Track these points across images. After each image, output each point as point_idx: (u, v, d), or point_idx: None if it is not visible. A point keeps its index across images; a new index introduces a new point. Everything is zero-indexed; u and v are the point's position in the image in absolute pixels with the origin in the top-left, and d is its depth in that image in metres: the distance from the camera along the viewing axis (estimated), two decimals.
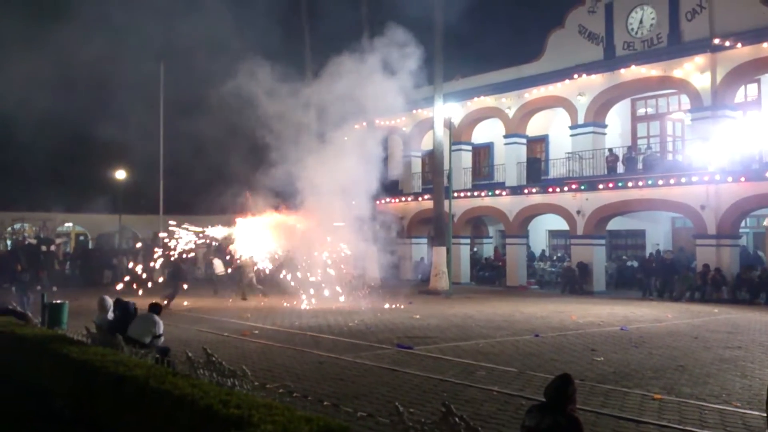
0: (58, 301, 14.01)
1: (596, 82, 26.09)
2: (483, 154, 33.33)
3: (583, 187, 25.85)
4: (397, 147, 34.41)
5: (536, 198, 27.76)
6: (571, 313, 19.04)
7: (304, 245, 22.04)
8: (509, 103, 29.07)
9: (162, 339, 10.43)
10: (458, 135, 30.63)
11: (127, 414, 7.01)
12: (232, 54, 21.96)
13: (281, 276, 22.81)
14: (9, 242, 37.09)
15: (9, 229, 38.96)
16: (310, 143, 26.69)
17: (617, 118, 27.67)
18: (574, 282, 25.70)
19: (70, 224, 41.14)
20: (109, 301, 11.68)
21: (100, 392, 7.60)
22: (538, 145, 30.94)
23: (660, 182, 23.52)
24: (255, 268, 22.83)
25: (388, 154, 35.42)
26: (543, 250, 32.03)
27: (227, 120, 22.66)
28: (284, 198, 23.45)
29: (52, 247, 32.17)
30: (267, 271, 23.15)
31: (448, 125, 27.41)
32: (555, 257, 30.90)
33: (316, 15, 27.65)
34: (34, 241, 33.39)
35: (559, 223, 28.14)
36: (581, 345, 13.64)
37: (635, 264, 27.59)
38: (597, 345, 13.55)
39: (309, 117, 27.26)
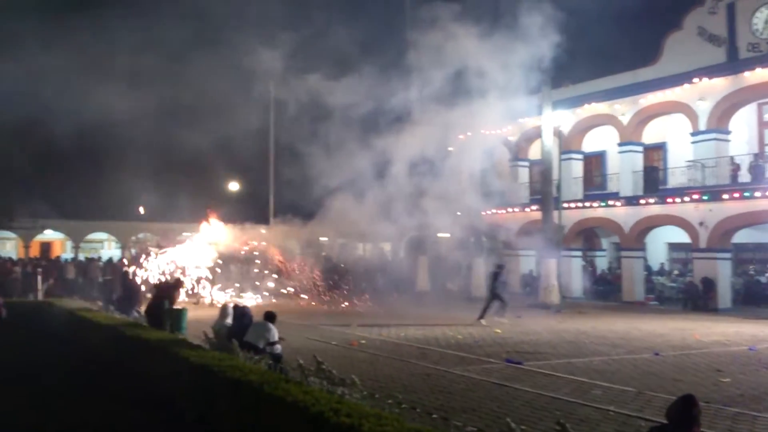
0: (178, 307, 14.65)
1: (718, 86, 24.70)
2: (595, 162, 32.24)
3: (705, 198, 24.47)
4: (503, 157, 33.92)
5: (654, 209, 26.53)
6: (694, 331, 18.01)
7: None
8: (623, 109, 28.01)
9: (277, 346, 10.73)
10: (568, 143, 29.81)
11: (243, 417, 7.18)
12: (333, 73, 22.47)
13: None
14: (134, 251, 39.36)
15: (133, 238, 41.41)
16: (415, 154, 26.87)
17: (742, 123, 26.07)
18: (696, 298, 24.32)
19: (188, 234, 43.15)
20: (230, 308, 12.18)
21: (217, 395, 7.85)
22: (655, 153, 29.61)
23: None
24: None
25: (493, 164, 35.06)
26: (662, 264, 30.55)
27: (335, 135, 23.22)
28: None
29: None
30: None
31: (557, 133, 26.73)
32: (675, 272, 29.39)
33: (418, 25, 27.76)
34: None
35: (680, 236, 26.76)
36: (705, 365, 12.86)
37: (764, 279, 25.80)
38: (723, 365, 12.71)
39: (414, 129, 27.45)
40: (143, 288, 20.48)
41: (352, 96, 21.87)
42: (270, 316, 11.15)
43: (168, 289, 15.13)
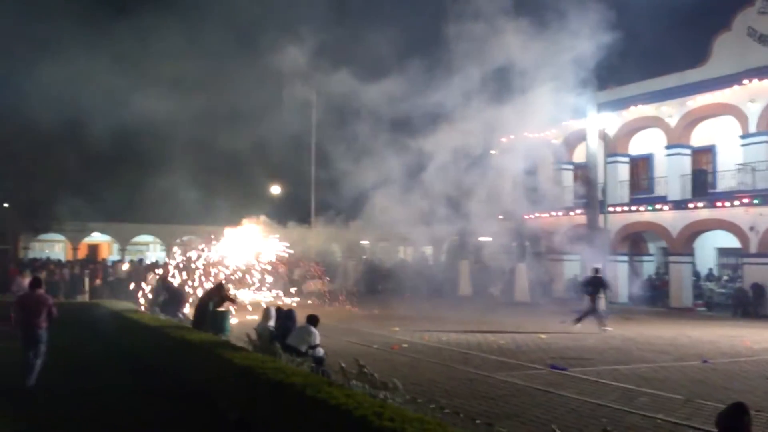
0: (221, 309, 14.79)
1: None
2: (642, 166, 31.62)
3: (756, 201, 23.80)
4: (546, 160, 33.51)
5: (703, 213, 25.90)
6: (744, 338, 17.50)
7: None
8: (671, 111, 27.43)
9: (319, 349, 10.75)
10: (614, 146, 29.32)
11: (285, 420, 7.20)
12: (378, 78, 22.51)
13: None
14: (178, 253, 39.97)
15: (178, 240, 42.04)
16: (457, 157, 26.75)
17: None
18: (747, 304, 23.65)
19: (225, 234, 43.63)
20: (273, 310, 12.25)
21: (260, 397, 7.88)
22: (703, 156, 28.91)
23: None
24: None
25: (536, 168, 34.66)
26: (710, 269, 29.80)
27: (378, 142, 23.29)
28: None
29: None
30: None
31: (603, 136, 26.31)
32: (725, 277, 28.63)
33: (461, 22, 27.60)
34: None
35: (730, 241, 26.09)
36: (756, 373, 12.50)
37: None
38: None
39: (456, 132, 27.32)
40: (187, 291, 20.81)
41: (392, 97, 21.87)
42: (313, 320, 11.18)
43: (213, 292, 15.28)
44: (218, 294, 14.95)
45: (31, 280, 12.12)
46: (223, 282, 16.51)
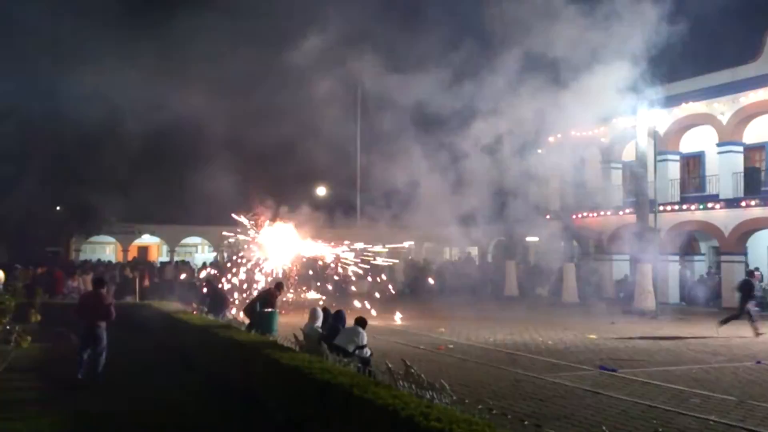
0: (269, 310, 14.97)
1: None
2: (693, 164, 30.92)
3: None
4: (594, 159, 33.01)
5: (756, 211, 25.19)
6: None
7: None
8: (722, 108, 26.75)
9: (366, 350, 10.81)
10: (664, 144, 28.71)
11: (333, 420, 7.25)
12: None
13: None
14: (226, 255, 40.55)
15: (225, 242, 42.63)
16: (503, 156, 26.53)
17: None
18: None
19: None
20: (320, 311, 12.35)
21: (307, 397, 7.96)
22: (757, 153, 28.12)
23: None
24: None
25: (585, 167, 34.15)
26: (755, 268, 28.84)
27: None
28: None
29: None
30: None
31: (653, 134, 25.80)
32: None
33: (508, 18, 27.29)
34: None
35: None
36: None
37: None
38: None
39: (503, 130, 27.12)
40: (232, 292, 21.10)
41: (436, 92, 21.81)
42: (361, 322, 11.27)
43: (265, 293, 15.46)
44: (271, 294, 15.04)
45: (95, 279, 12.55)
46: (280, 282, 16.55)
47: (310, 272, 25.23)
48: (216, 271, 26.02)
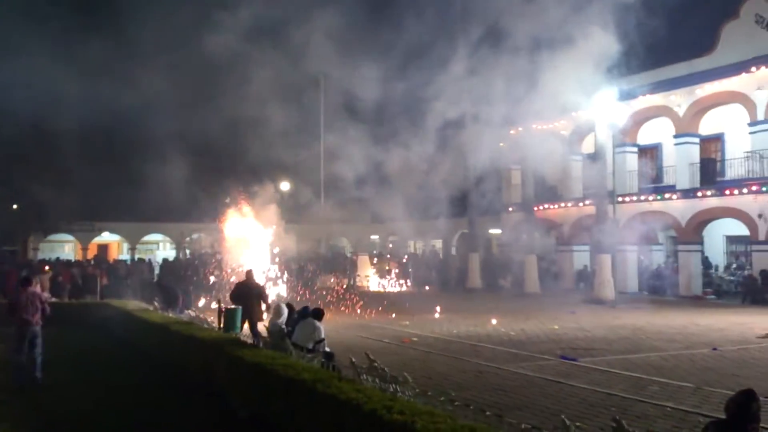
0: (232, 306, 14.84)
1: None
2: (650, 155, 31.52)
3: (765, 189, 23.70)
4: (555, 151, 33.43)
5: (711, 201, 25.82)
6: (753, 324, 17.47)
7: None
8: (679, 100, 27.31)
9: (324, 344, 10.72)
10: (622, 136, 29.20)
11: (298, 415, 7.27)
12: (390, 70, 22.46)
13: None
14: (188, 252, 40.14)
15: (188, 239, 42.21)
16: (466, 149, 26.70)
17: None
18: (756, 292, 23.59)
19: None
20: (284, 307, 12.25)
21: (271, 394, 7.96)
22: (712, 144, 28.79)
23: None
24: None
25: (544, 159, 34.56)
26: (707, 258, 29.63)
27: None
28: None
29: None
30: None
31: (611, 126, 26.23)
32: (734, 265, 28.54)
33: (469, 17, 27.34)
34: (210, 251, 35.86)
35: (739, 229, 25.99)
36: (765, 360, 12.51)
37: None
38: None
39: (464, 123, 27.29)
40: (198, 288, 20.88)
41: (397, 86, 21.87)
42: (316, 314, 11.14)
43: (238, 285, 15.11)
44: (243, 285, 14.65)
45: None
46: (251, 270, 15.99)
47: (277, 267, 25.06)
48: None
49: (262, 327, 13.71)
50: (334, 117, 30.22)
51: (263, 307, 14.02)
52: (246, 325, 13.63)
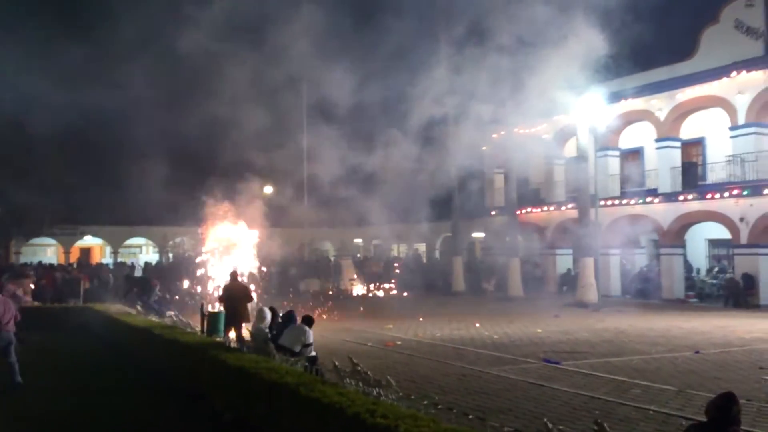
0: (216, 310, 14.78)
1: (757, 79, 24.14)
2: (632, 159, 31.79)
3: (746, 193, 23.95)
4: (537, 155, 33.63)
5: (693, 205, 26.05)
6: (735, 328, 17.64)
7: None
8: (660, 104, 27.55)
9: (311, 348, 10.75)
10: (604, 140, 29.43)
11: (281, 419, 7.24)
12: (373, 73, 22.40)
13: None
14: (171, 255, 39.91)
15: (171, 242, 41.96)
16: (449, 152, 26.72)
17: None
18: (738, 295, 23.80)
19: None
20: (267, 311, 12.19)
21: (254, 397, 7.92)
22: (693, 148, 29.06)
23: None
24: None
25: (527, 162, 34.74)
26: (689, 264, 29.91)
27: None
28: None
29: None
30: None
31: (593, 130, 26.42)
32: (716, 268, 28.80)
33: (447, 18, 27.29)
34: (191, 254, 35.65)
35: (721, 232, 26.25)
36: (748, 363, 12.60)
37: None
38: (766, 363, 12.44)
39: (446, 128, 27.35)
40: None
41: (379, 92, 21.85)
42: (308, 320, 11.19)
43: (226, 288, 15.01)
44: (229, 287, 14.55)
45: None
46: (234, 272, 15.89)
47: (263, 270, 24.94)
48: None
49: (245, 331, 13.62)
50: (315, 119, 30.20)
51: (249, 307, 13.97)
52: (232, 330, 13.57)
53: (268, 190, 37.96)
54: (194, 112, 23.46)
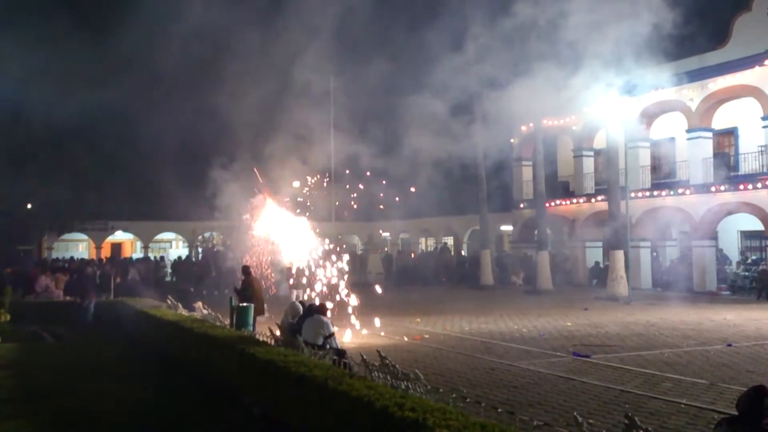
0: (244, 304, 14.88)
1: None
2: (664, 150, 31.27)
3: None
4: (566, 147, 33.28)
5: (725, 196, 25.60)
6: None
7: None
8: (691, 94, 27.09)
9: (334, 338, 10.73)
10: (634, 131, 29.02)
11: (309, 412, 7.28)
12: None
13: None
14: (200, 250, 40.28)
15: (200, 237, 42.35)
16: (476, 145, 26.57)
17: None
18: None
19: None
20: (299, 305, 12.25)
21: (283, 390, 7.97)
22: (726, 138, 28.55)
23: None
24: None
25: (557, 155, 34.41)
26: (723, 253, 29.38)
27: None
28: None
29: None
30: None
31: (623, 122, 26.07)
32: (749, 260, 28.29)
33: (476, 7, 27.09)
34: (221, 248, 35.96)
35: (753, 223, 25.77)
36: None
37: None
38: None
39: (474, 119, 27.19)
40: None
41: (406, 79, 21.81)
42: (320, 309, 11.15)
43: (243, 284, 15.26)
44: (247, 284, 14.81)
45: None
46: (247, 266, 16.09)
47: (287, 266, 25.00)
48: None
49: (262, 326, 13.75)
50: (341, 116, 30.20)
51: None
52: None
53: (296, 184, 38.17)
54: (223, 108, 23.64)
